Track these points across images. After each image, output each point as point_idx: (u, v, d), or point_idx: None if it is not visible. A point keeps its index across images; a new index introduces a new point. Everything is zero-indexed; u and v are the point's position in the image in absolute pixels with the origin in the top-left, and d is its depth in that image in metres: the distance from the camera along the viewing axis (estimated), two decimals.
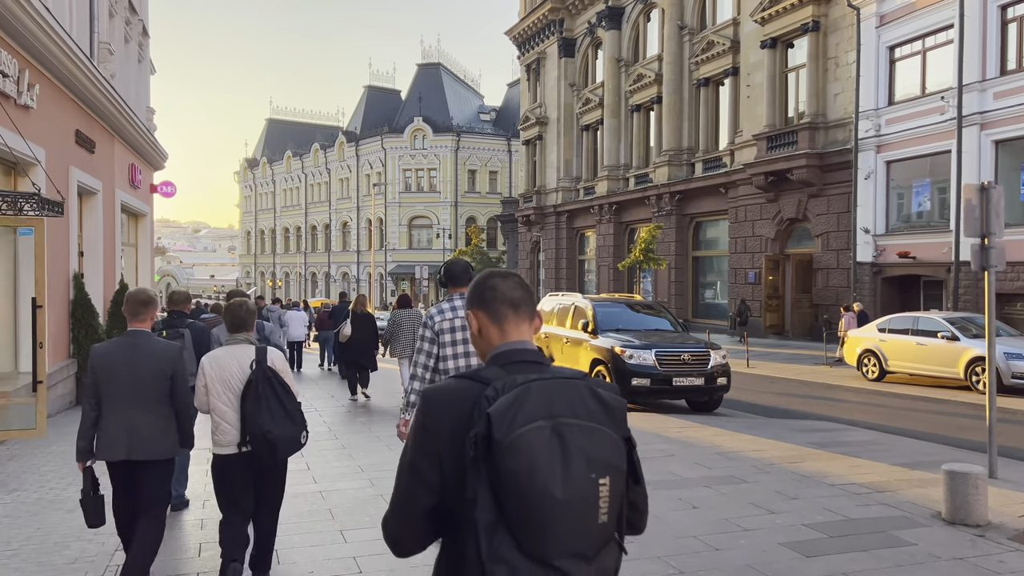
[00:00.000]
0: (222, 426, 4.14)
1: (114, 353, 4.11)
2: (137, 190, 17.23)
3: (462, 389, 1.55)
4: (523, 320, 1.70)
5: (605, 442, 1.48)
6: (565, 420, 1.46)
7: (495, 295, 1.70)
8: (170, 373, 4.15)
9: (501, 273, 1.78)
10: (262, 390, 4.07)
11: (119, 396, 4.06)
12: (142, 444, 4.07)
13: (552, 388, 1.50)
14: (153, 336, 4.29)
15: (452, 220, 58.20)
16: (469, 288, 1.77)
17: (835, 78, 22.97)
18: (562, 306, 13.22)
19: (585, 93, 36.92)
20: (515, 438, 1.41)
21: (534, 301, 1.77)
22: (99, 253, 13.45)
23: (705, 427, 9.21)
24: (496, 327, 1.69)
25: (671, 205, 29.99)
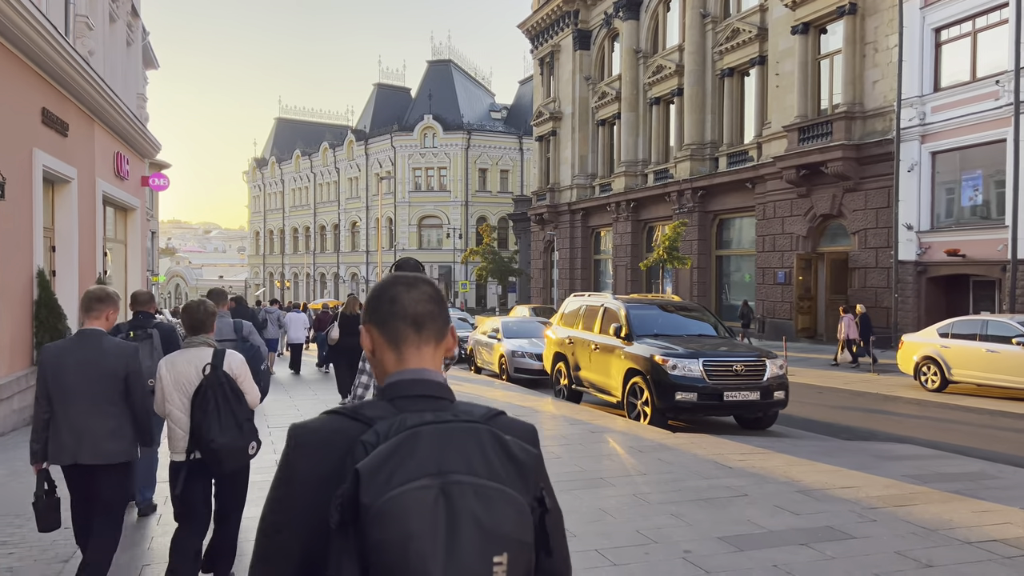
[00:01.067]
0: (176, 432, 3.95)
1: (65, 352, 3.91)
2: (124, 181, 15.81)
3: (337, 430, 1.24)
4: (427, 342, 1.35)
5: (506, 509, 1.14)
6: (457, 478, 1.14)
7: (394, 309, 1.34)
8: (124, 373, 3.93)
9: (407, 280, 1.38)
10: (212, 396, 3.81)
11: (70, 397, 3.86)
12: (93, 447, 3.86)
13: (447, 435, 1.18)
14: (107, 335, 4.04)
15: (462, 220, 56.74)
16: (367, 297, 1.38)
17: (874, 64, 21.32)
18: (589, 308, 11.69)
19: (601, 86, 35.36)
20: (387, 501, 1.10)
21: (445, 318, 1.38)
22: (74, 248, 12.01)
23: (771, 453, 7.64)
24: (392, 350, 1.34)
25: (693, 202, 28.38)
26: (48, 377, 3.89)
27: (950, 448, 8.65)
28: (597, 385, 10.89)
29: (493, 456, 1.20)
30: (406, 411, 1.24)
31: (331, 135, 66.95)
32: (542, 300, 39.51)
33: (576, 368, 11.45)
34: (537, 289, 40.68)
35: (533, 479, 1.23)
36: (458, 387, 13.85)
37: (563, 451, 7.69)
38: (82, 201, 12.55)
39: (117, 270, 16.77)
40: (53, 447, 3.90)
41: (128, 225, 17.19)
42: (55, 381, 3.88)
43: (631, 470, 6.91)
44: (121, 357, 3.95)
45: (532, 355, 14.44)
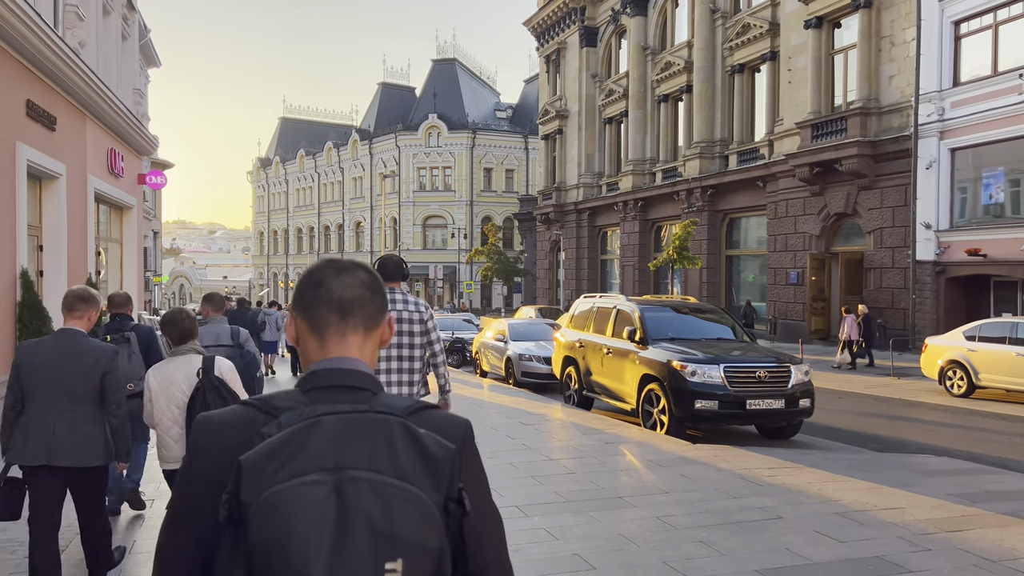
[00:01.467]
0: (166, 441, 3.89)
1: (41, 350, 3.83)
2: (119, 179, 15.30)
3: (240, 420, 1.13)
4: (353, 330, 1.22)
5: (406, 509, 1.02)
6: (354, 474, 1.02)
7: (318, 293, 1.22)
8: (100, 374, 3.83)
9: (339, 264, 1.25)
10: (210, 399, 3.74)
11: (43, 396, 3.76)
12: (67, 449, 3.75)
13: (351, 427, 1.07)
14: (85, 335, 3.93)
15: (467, 219, 56.20)
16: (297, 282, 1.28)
17: (890, 59, 20.70)
18: (601, 310, 11.11)
19: (608, 84, 34.77)
20: (270, 497, 1.00)
21: (378, 305, 1.25)
22: (62, 248, 11.49)
23: (801, 468, 7.06)
24: (315, 337, 1.22)
25: (702, 200, 27.77)
26: (22, 374, 3.79)
27: (989, 461, 8.06)
28: (610, 391, 10.32)
29: (401, 451, 1.07)
30: (318, 402, 1.13)
31: (335, 135, 66.48)
32: (548, 301, 38.95)
33: (587, 373, 10.89)
34: (543, 290, 40.11)
35: (447, 476, 1.09)
36: (461, 391, 13.29)
37: (576, 465, 7.13)
38: (72, 198, 12.03)
39: (113, 270, 16.27)
40: (23, 446, 3.76)
41: (124, 224, 16.68)
42: (28, 379, 3.78)
43: (652, 488, 6.34)
44: (98, 358, 3.85)
45: (540, 359, 13.88)
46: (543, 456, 7.51)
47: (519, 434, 8.76)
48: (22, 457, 3.78)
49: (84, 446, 3.80)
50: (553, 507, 5.71)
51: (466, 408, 10.98)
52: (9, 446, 3.82)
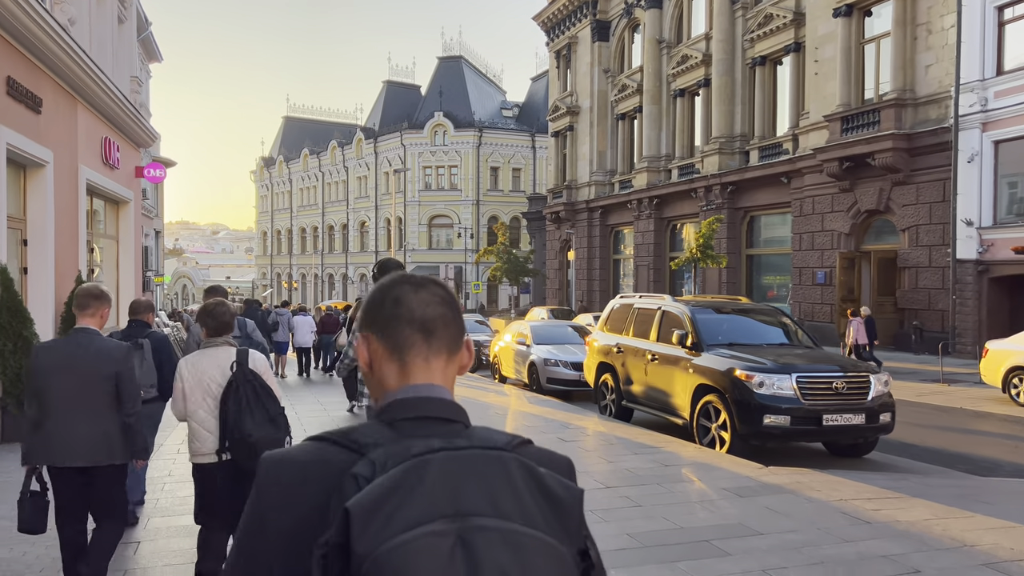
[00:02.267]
0: (200, 433, 3.81)
1: (56, 350, 3.83)
2: (115, 171, 14.21)
3: (320, 460, 0.99)
4: (437, 354, 1.09)
5: (545, 563, 0.89)
6: (481, 522, 0.89)
7: (398, 312, 1.09)
8: (114, 374, 3.78)
9: (415, 280, 1.13)
10: (244, 393, 3.72)
11: (60, 397, 3.73)
12: (85, 449, 3.73)
13: (466, 466, 0.94)
14: (99, 334, 3.90)
15: (474, 219, 55.10)
16: (366, 299, 1.14)
17: (926, 47, 19.59)
18: (642, 311, 9.99)
19: (621, 79, 33.67)
20: (389, 552, 0.85)
21: (459, 326, 1.12)
22: (49, 242, 10.39)
23: (906, 499, 5.95)
24: (395, 361, 1.08)
25: (722, 198, 26.66)
26: (38, 376, 3.75)
27: None
28: (656, 402, 9.21)
29: (525, 493, 0.93)
30: (409, 436, 0.98)
31: (340, 134, 65.41)
32: (558, 301, 37.84)
33: (627, 382, 9.78)
34: (552, 290, 39.00)
35: (576, 523, 0.96)
36: (485, 398, 12.18)
37: (640, 495, 6.02)
38: (60, 189, 10.94)
39: (108, 268, 15.18)
40: (44, 447, 3.74)
41: (120, 219, 15.59)
42: (45, 380, 3.74)
43: (740, 526, 5.24)
44: (112, 358, 3.81)
45: (567, 363, 12.78)
46: (597, 482, 6.41)
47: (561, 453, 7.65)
48: (45, 458, 3.74)
49: (102, 445, 3.77)
50: (631, 555, 4.61)
51: (493, 419, 9.88)
52: (31, 449, 3.78)
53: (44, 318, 10.01)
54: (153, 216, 41.14)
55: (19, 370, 8.43)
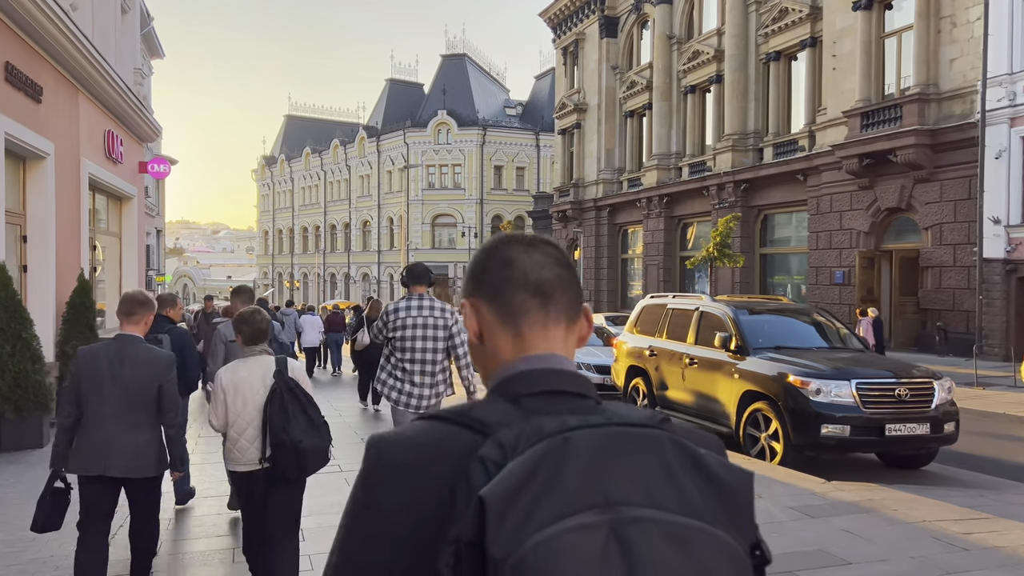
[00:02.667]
0: (240, 443, 3.78)
1: (100, 356, 3.72)
2: (118, 165, 13.66)
3: (439, 441, 0.85)
4: (556, 321, 0.97)
5: (716, 560, 0.75)
6: (636, 513, 0.76)
7: (509, 275, 0.97)
8: (159, 384, 3.75)
9: (526, 239, 1.01)
10: (287, 401, 3.68)
11: (102, 404, 3.66)
12: (123, 460, 3.66)
13: (609, 446, 0.79)
14: (143, 341, 3.85)
15: (477, 218, 54.52)
16: (471, 260, 1.03)
17: (951, 40, 19.04)
18: (677, 312, 9.44)
19: (630, 76, 33.12)
20: (533, 550, 0.71)
21: (576, 288, 1.00)
22: (50, 239, 9.84)
23: (995, 520, 5.38)
24: (509, 329, 0.96)
25: (735, 196, 26.11)
26: (81, 381, 3.70)
27: None
28: (695, 410, 8.65)
29: (684, 478, 0.79)
30: (538, 413, 0.84)
31: (342, 133, 64.82)
32: None
33: (662, 387, 9.23)
34: None
35: (747, 514, 0.82)
36: None
37: None
38: (62, 183, 10.38)
39: (111, 267, 14.63)
40: (80, 456, 3.67)
41: (124, 216, 15.03)
42: (87, 385, 3.68)
43: (823, 553, 4.68)
44: (157, 368, 3.78)
45: (592, 367, 12.22)
46: None
47: None
48: (79, 466, 3.67)
49: (140, 455, 3.72)
50: None
51: None
52: (66, 455, 3.71)
53: (44, 319, 9.45)
54: (155, 214, 40.56)
55: (18, 374, 7.88)
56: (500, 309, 0.96)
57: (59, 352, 9.85)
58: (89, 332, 9.93)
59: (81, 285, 10.04)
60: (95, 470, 3.65)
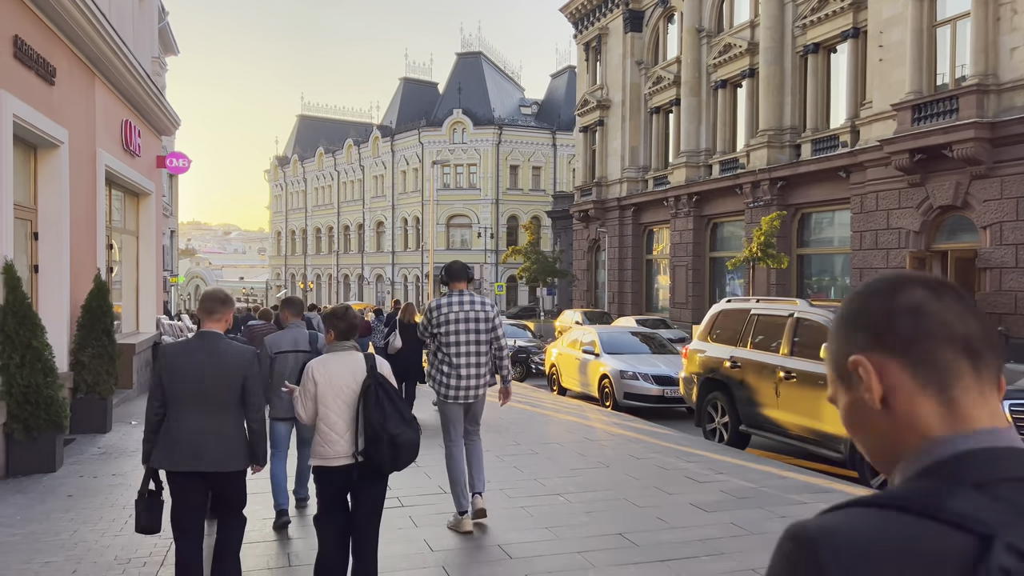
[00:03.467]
0: (331, 436, 3.78)
1: (184, 354, 3.79)
2: (136, 159, 12.69)
3: (907, 541, 0.68)
4: (991, 385, 0.81)
5: None
6: None
7: (929, 329, 0.80)
8: (242, 377, 3.79)
9: (924, 280, 0.85)
10: (380, 396, 3.74)
11: (187, 400, 3.72)
12: (212, 455, 3.71)
13: None
14: (226, 338, 3.92)
15: (493, 218, 53.54)
16: (853, 306, 0.86)
17: (1011, 28, 17.88)
18: (764, 318, 8.29)
19: (656, 71, 32.04)
20: None
21: (1001, 345, 0.85)
22: (64, 236, 8.86)
23: None
24: (932, 396, 0.79)
25: (770, 194, 25.00)
26: (165, 378, 3.74)
27: None
28: (796, 432, 7.57)
29: None
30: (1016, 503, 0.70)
31: (356, 133, 64.00)
32: (586, 303, 36.25)
33: (749, 403, 8.16)
34: (580, 292, 37.37)
35: None
36: (559, 415, 10.62)
37: None
38: (77, 175, 9.40)
39: (127, 267, 13.67)
40: (169, 452, 3.71)
41: (141, 213, 14.07)
42: (172, 383, 3.73)
43: None
44: (242, 362, 3.81)
45: (649, 377, 11.17)
46: None
47: (716, 504, 6.06)
48: (168, 463, 3.71)
49: (227, 450, 3.75)
50: None
51: (584, 444, 8.30)
52: (153, 452, 3.74)
53: (58, 325, 8.48)
54: (169, 214, 39.75)
55: (27, 389, 6.88)
56: (919, 370, 0.79)
57: (73, 361, 8.88)
58: (106, 338, 8.97)
59: (98, 287, 9.06)
60: (186, 466, 3.67)
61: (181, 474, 3.71)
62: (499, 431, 9.26)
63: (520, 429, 9.50)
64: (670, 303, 30.52)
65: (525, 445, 8.48)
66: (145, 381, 13.20)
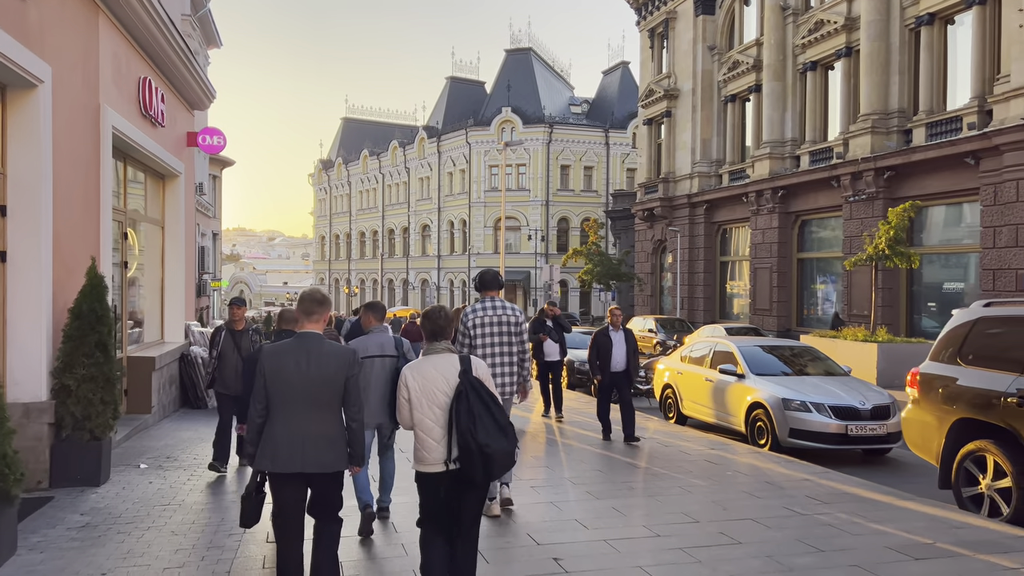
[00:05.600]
0: (427, 442, 3.67)
1: (286, 355, 3.69)
2: (159, 130, 10.18)
3: None
4: None
5: None
6: None
7: None
8: (343, 378, 3.71)
9: None
10: (472, 401, 3.59)
11: (289, 401, 3.64)
12: (315, 456, 3.62)
13: None
14: (326, 339, 3.81)
15: (543, 221, 50.76)
16: None
17: None
18: None
19: (732, 55, 28.94)
20: None
21: None
22: (43, 213, 6.30)
23: None
24: None
25: (875, 186, 21.75)
26: (268, 380, 3.67)
27: None
28: None
29: None
30: None
31: (400, 135, 61.91)
32: (650, 309, 33.21)
33: None
34: (644, 296, 34.31)
35: None
36: (691, 458, 7.75)
37: None
38: (67, 130, 6.86)
39: (150, 262, 11.17)
40: (271, 453, 3.62)
41: (168, 199, 11.58)
42: (275, 385, 3.65)
43: None
44: (342, 363, 3.73)
45: (825, 408, 8.21)
46: None
47: None
48: (271, 464, 3.63)
49: (329, 451, 3.66)
50: None
51: (782, 515, 5.43)
52: (257, 454, 3.68)
53: (33, 335, 5.93)
54: (212, 215, 37.75)
55: None
56: None
57: (56, 386, 6.30)
58: (101, 354, 6.38)
59: (91, 284, 6.47)
60: (289, 467, 3.60)
61: (283, 475, 3.64)
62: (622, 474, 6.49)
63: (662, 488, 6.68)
64: (750, 309, 27.32)
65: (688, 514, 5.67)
66: (170, 402, 10.66)
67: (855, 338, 16.69)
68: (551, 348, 10.88)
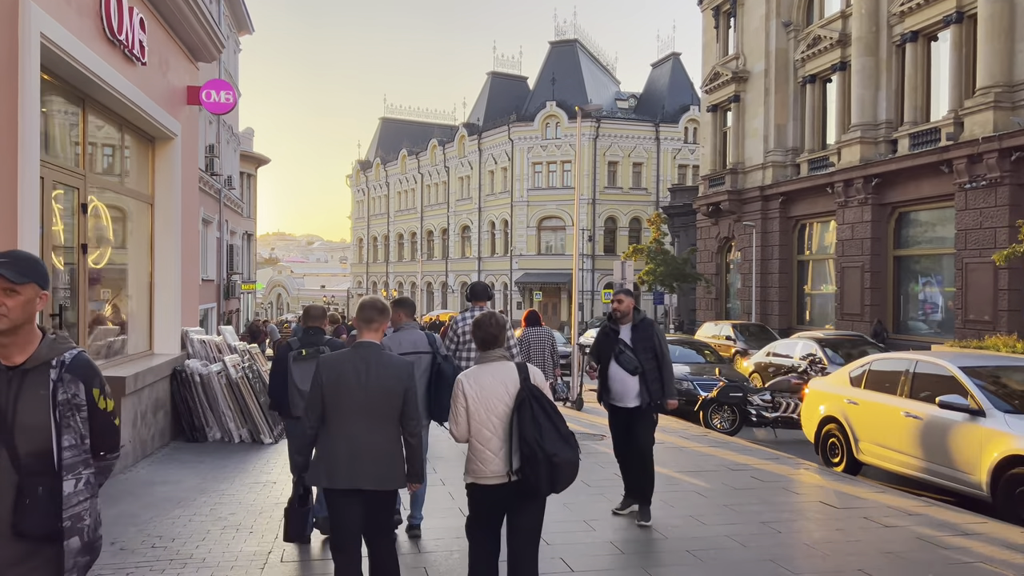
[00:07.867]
0: (484, 454, 3.43)
1: (344, 364, 3.49)
2: (138, 68, 7.45)
3: None
4: None
5: None
6: None
7: None
8: (402, 390, 3.49)
9: None
10: (535, 410, 3.38)
11: (345, 414, 3.43)
12: (372, 472, 3.40)
13: None
14: (385, 349, 3.62)
15: (589, 220, 47.64)
16: None
17: None
18: None
19: (812, 30, 25.58)
20: None
21: None
22: None
23: None
24: None
25: (998, 171, 18.24)
26: (325, 391, 3.45)
27: None
28: None
29: None
30: None
31: (439, 134, 59.40)
32: (715, 313, 29.88)
33: None
34: (708, 299, 30.99)
35: None
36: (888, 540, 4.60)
37: None
38: None
39: (137, 247, 8.44)
40: (328, 468, 3.41)
41: (157, 167, 8.85)
42: (332, 396, 3.44)
43: None
44: (401, 375, 3.51)
45: None
46: None
47: None
48: (327, 480, 3.43)
49: (386, 467, 3.46)
50: None
51: None
52: (311, 468, 3.51)
53: None
54: (244, 214, 35.50)
55: None
56: None
57: None
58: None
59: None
60: (345, 483, 3.39)
61: (339, 491, 3.43)
62: None
63: None
64: (836, 314, 23.86)
65: None
66: (154, 436, 7.89)
67: (1010, 349, 13.28)
68: (623, 383, 5.66)
